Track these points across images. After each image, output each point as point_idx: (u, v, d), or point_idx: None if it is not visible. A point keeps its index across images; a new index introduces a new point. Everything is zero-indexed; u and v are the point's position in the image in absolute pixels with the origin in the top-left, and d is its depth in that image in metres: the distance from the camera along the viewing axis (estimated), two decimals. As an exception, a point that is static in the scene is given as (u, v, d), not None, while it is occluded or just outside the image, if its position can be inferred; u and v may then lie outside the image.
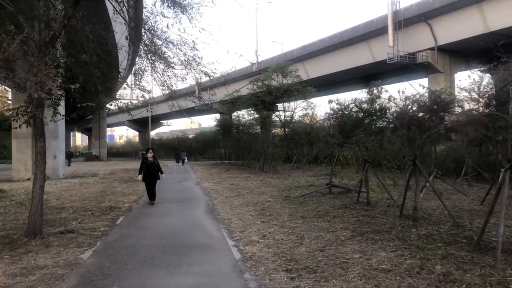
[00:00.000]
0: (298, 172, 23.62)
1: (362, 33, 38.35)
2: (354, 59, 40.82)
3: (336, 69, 43.48)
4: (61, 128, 21.49)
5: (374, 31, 37.33)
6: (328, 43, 42.50)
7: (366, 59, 39.80)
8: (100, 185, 17.48)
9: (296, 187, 14.83)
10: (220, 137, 48.13)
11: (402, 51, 34.86)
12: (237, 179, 19.62)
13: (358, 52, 40.31)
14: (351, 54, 40.90)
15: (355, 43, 39.84)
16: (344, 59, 42.00)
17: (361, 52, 40.07)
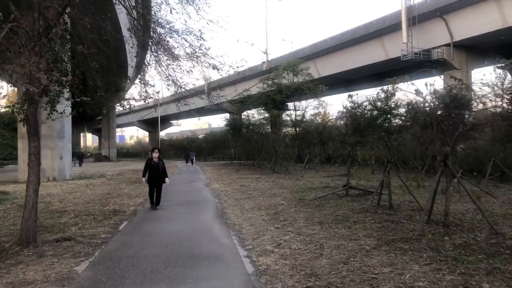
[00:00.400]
0: (311, 172, 22.86)
1: (375, 30, 37.49)
2: (367, 56, 39.96)
3: (348, 67, 42.65)
4: (68, 128, 21.00)
5: (387, 28, 36.45)
6: (339, 40, 41.68)
7: (379, 56, 38.92)
8: (107, 186, 16.92)
9: (310, 189, 14.09)
10: (229, 137, 47.60)
11: (416, 47, 33.94)
12: (248, 180, 18.95)
13: (370, 50, 39.45)
14: (363, 51, 40.02)
15: (368, 40, 39.00)
16: (356, 57, 41.14)
17: (373, 49, 39.20)
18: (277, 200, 11.61)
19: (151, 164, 10.89)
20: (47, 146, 19.96)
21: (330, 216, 8.74)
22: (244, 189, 14.83)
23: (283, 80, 38.93)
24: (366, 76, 46.11)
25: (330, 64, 44.40)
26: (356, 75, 45.25)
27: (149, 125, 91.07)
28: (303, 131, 31.91)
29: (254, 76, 54.55)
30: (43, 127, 19.38)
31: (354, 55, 41.29)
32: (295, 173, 21.93)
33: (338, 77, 45.60)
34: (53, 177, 19.88)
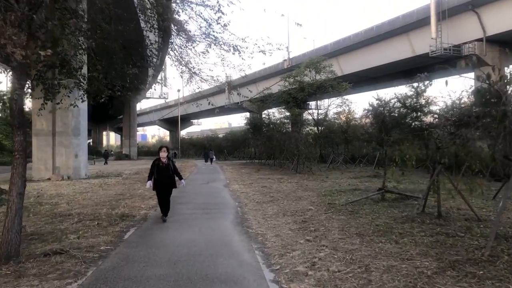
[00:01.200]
0: (336, 173, 21.44)
1: (401, 25, 35.73)
2: (392, 53, 38.22)
3: (372, 64, 40.96)
4: (83, 125, 20.11)
5: (414, 23, 34.64)
6: (364, 36, 40.04)
7: (405, 53, 37.14)
8: (121, 186, 15.88)
9: (338, 192, 12.72)
10: (249, 136, 46.59)
11: (446, 43, 32.09)
12: (269, 180, 17.67)
13: (396, 46, 37.71)
14: (388, 48, 38.31)
15: (393, 36, 37.26)
16: (381, 54, 39.44)
17: (399, 45, 37.44)
18: (304, 205, 10.31)
19: (159, 166, 8.76)
20: (61, 143, 19.12)
21: (369, 225, 7.39)
22: (266, 191, 13.56)
23: (305, 78, 37.56)
24: (391, 74, 44.32)
25: (354, 61, 42.78)
26: (380, 73, 43.54)
27: (170, 124, 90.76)
28: (327, 130, 30.39)
29: (274, 75, 53.32)
30: (57, 124, 18.59)
31: (378, 52, 39.61)
32: (319, 174, 20.56)
33: (361, 75, 43.93)
34: (68, 176, 18.99)
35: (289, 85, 38.30)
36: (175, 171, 9.06)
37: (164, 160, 8.81)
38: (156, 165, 8.80)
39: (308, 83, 36.91)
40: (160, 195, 8.86)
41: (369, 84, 49.29)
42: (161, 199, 8.84)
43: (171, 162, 9.01)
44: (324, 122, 34.54)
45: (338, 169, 24.06)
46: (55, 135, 19.00)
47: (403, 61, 38.17)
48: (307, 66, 37.32)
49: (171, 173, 8.84)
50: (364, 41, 40.02)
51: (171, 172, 8.84)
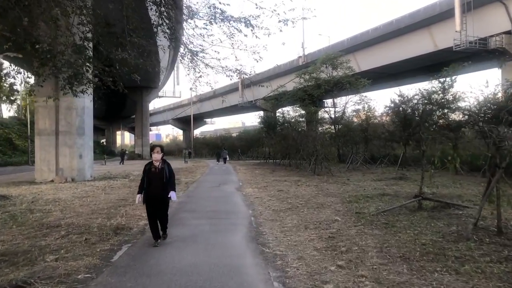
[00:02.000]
0: (357, 174, 19.95)
1: (423, 19, 33.92)
2: (413, 48, 36.48)
3: (391, 60, 39.25)
4: (88, 123, 18.97)
5: (436, 16, 32.84)
6: (382, 31, 38.32)
7: (426, 47, 35.36)
8: (125, 189, 14.66)
9: (364, 197, 11.24)
10: (263, 135, 45.40)
11: (471, 36, 30.27)
12: (286, 183, 16.28)
13: (417, 40, 35.95)
14: (409, 42, 36.57)
15: (414, 30, 35.50)
16: (400, 49, 37.72)
17: (420, 40, 35.67)
18: (328, 214, 8.89)
19: (150, 171, 6.66)
20: (65, 143, 18.02)
21: (413, 245, 5.94)
22: (282, 196, 12.17)
23: (321, 74, 36.03)
24: (410, 70, 42.59)
25: (372, 57, 41.09)
26: (399, 69, 41.79)
27: (184, 123, 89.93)
28: (345, 128, 28.81)
29: (289, 72, 51.85)
30: (61, 123, 17.50)
31: (398, 47, 37.90)
32: (339, 175, 19.10)
33: (379, 71, 42.22)
34: (72, 178, 17.87)
35: (304, 82, 36.82)
36: (170, 178, 6.68)
37: (158, 164, 6.67)
38: (147, 171, 6.69)
39: (325, 79, 35.39)
40: (150, 213, 6.70)
41: (387, 81, 47.62)
42: (151, 217, 6.67)
43: (166, 167, 6.71)
44: (342, 120, 32.93)
45: (359, 170, 22.55)
46: (58, 134, 17.90)
47: (424, 56, 36.42)
48: (323, 62, 35.76)
49: (166, 180, 6.57)
50: (383, 36, 38.32)
51: (166, 179, 6.58)
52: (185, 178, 19.64)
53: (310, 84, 36.26)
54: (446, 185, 13.94)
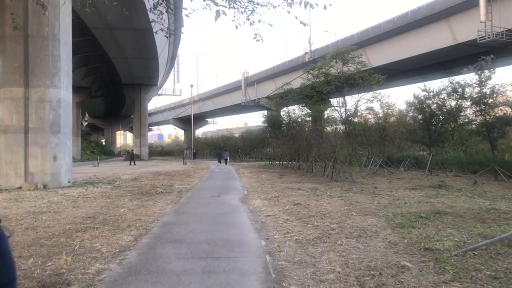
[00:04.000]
0: (381, 180, 16.81)
1: (441, 9, 30.84)
2: (429, 42, 33.45)
3: (405, 55, 36.23)
4: (66, 119, 15.84)
5: (457, 6, 29.80)
6: (396, 24, 35.27)
7: (444, 41, 32.31)
8: (102, 200, 11.51)
9: (417, 217, 8.03)
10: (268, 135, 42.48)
11: (497, 26, 27.19)
12: (301, 192, 13.13)
13: (434, 34, 32.88)
14: (425, 36, 33.51)
15: (431, 22, 32.47)
16: (415, 43, 34.69)
17: (438, 33, 32.60)
18: (382, 250, 5.72)
19: None
20: (36, 143, 14.90)
21: None
22: (303, 214, 8.99)
23: (330, 69, 32.86)
24: (423, 66, 39.69)
25: (384, 52, 38.04)
26: (412, 65, 38.77)
27: (185, 123, 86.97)
28: (361, 128, 25.58)
29: (295, 69, 48.84)
30: (31, 118, 14.42)
31: (412, 41, 34.87)
32: (362, 182, 15.97)
33: (391, 67, 39.18)
34: (44, 184, 14.74)
35: (313, 78, 33.63)
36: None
37: None
38: None
39: (335, 75, 32.21)
40: None
41: (397, 79, 44.57)
42: None
43: None
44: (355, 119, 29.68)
45: (380, 175, 19.41)
46: (28, 132, 14.77)
47: (441, 50, 33.42)
48: (333, 57, 32.56)
49: None
50: (397, 29, 35.30)
51: None
52: (180, 184, 16.51)
53: (319, 80, 33.11)
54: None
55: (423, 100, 21.77)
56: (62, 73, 15.37)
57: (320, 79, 32.97)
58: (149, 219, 8.50)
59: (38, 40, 14.81)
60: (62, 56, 15.39)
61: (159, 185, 15.57)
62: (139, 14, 27.71)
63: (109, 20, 29.79)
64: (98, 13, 28.33)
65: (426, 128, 21.53)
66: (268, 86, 55.14)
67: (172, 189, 14.50)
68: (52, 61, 14.99)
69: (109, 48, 38.55)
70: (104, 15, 28.18)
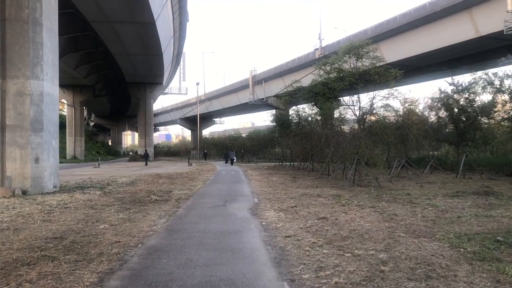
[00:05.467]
0: (411, 184, 14.55)
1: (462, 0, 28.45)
2: (449, 35, 31.03)
3: (422, 49, 33.83)
4: (50, 116, 13.74)
5: (480, -5, 27.49)
6: (413, 16, 32.88)
7: (465, 34, 29.89)
8: (82, 213, 9.33)
9: (493, 241, 5.79)
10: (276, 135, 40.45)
11: (527, 15, 24.79)
12: (322, 200, 10.89)
13: (454, 26, 30.49)
14: (444, 28, 31.11)
15: (451, 14, 30.11)
16: (433, 37, 32.28)
17: (458, 25, 30.22)
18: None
19: None
20: (14, 142, 12.82)
21: None
22: (333, 234, 6.76)
23: (343, 65, 30.56)
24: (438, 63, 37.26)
25: (399, 47, 35.70)
26: (428, 61, 36.43)
27: (192, 123, 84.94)
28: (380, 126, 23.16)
29: (304, 66, 46.61)
30: (8, 114, 12.38)
31: (430, 34, 32.48)
32: (389, 186, 13.73)
33: (406, 64, 36.68)
34: (24, 190, 12.64)
35: (325, 74, 31.33)
36: None
37: None
38: None
39: (349, 71, 29.87)
40: None
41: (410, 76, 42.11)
42: None
43: None
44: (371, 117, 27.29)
45: (406, 178, 17.16)
46: (4, 130, 12.69)
47: (461, 44, 31.02)
48: (346, 52, 30.20)
49: None
50: (413, 22, 32.94)
51: None
52: (180, 189, 14.31)
53: (331, 76, 30.82)
54: None
55: (451, 95, 19.43)
56: (46, 63, 13.28)
57: (333, 75, 30.72)
58: (131, 242, 6.35)
59: (17, 24, 12.76)
60: (46, 43, 13.30)
61: (156, 191, 13.42)
62: (140, 5, 25.65)
63: (108, 12, 27.78)
64: (96, 4, 26.34)
65: (454, 126, 19.19)
66: (276, 84, 52.97)
67: (170, 196, 12.35)
68: (33, 49, 12.91)
69: (111, 44, 36.47)
70: (103, 7, 26.20)
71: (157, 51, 36.90)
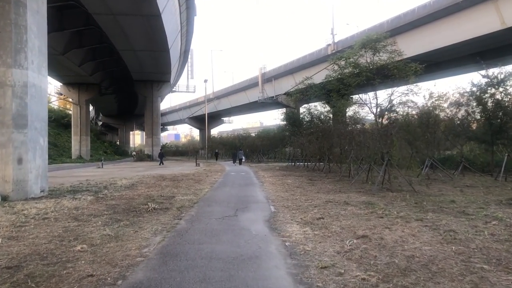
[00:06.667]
0: (447, 188, 12.60)
1: (489, -12, 26.39)
2: (472, 27, 28.88)
3: (442, 43, 31.73)
4: (37, 111, 12.00)
5: (507, -16, 25.39)
6: (433, 8, 30.81)
7: (490, 25, 27.77)
8: (61, 226, 7.54)
9: None
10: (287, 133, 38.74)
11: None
12: (353, 210, 8.97)
13: (477, 18, 28.37)
14: (467, 20, 28.99)
15: (475, 4, 28.03)
16: (455, 29, 30.16)
17: (482, 16, 28.10)
18: None
19: None
20: (-6, 140, 11.11)
21: None
22: (385, 263, 4.89)
23: (359, 59, 28.58)
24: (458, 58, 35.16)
25: (417, 41, 33.59)
26: (449, 55, 34.30)
27: (200, 122, 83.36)
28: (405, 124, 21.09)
29: (316, 63, 44.65)
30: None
31: (451, 27, 30.36)
32: (425, 191, 11.79)
33: (424, 59, 34.36)
34: (4, 195, 10.90)
35: (339, 69, 29.38)
36: None
37: None
38: None
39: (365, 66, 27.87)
40: None
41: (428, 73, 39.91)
42: None
43: None
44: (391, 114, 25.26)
45: (437, 180, 15.20)
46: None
47: (485, 37, 28.85)
48: (363, 46, 28.18)
49: None
50: (433, 14, 30.88)
51: None
52: (185, 194, 12.48)
53: (346, 71, 28.87)
54: None
55: (484, 88, 17.41)
56: (31, 50, 11.56)
57: (348, 70, 28.75)
58: (108, 276, 4.55)
59: (-4, 4, 11.04)
60: (31, 27, 11.57)
61: (156, 197, 11.62)
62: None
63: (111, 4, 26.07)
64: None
65: (487, 123, 17.18)
66: (286, 82, 51.09)
67: (171, 203, 10.53)
68: (15, 33, 11.18)
69: (116, 39, 34.80)
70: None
71: (164, 46, 35.19)
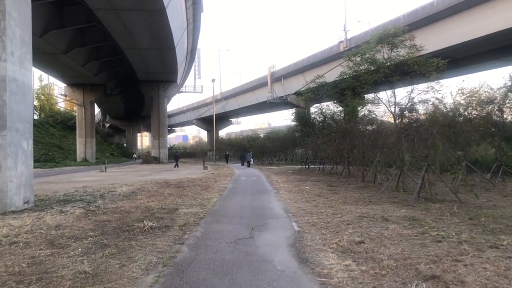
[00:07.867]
0: (496, 197, 10.73)
1: (514, -22, 24.48)
2: (496, 20, 27.03)
3: (462, 38, 29.86)
4: (20, 109, 10.32)
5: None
6: (453, 1, 28.97)
7: (514, 19, 25.88)
8: (28, 256, 5.81)
9: None
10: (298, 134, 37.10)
11: None
12: (395, 228, 7.13)
13: (502, 10, 26.53)
14: (492, 12, 27.11)
15: (498, -4, 26.10)
16: (477, 23, 28.27)
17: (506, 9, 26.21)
18: None
19: None
20: (-33, 144, 9.45)
21: None
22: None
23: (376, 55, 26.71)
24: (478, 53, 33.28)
25: (436, 36, 31.60)
26: (471, 50, 32.45)
27: (208, 123, 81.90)
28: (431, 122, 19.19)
29: (327, 61, 42.90)
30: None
31: (473, 20, 28.50)
32: (473, 202, 9.94)
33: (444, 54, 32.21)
34: (-23, 209, 9.28)
35: (354, 66, 27.53)
36: None
37: None
38: None
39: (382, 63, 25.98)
40: None
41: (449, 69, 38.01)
42: None
43: None
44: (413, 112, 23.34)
45: (478, 186, 13.32)
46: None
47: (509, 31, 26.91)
48: (379, 41, 26.26)
49: None
50: (454, 7, 29.00)
51: None
52: (189, 206, 10.64)
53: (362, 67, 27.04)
54: None
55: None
56: (11, 39, 9.90)
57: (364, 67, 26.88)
58: None
59: (-33, -15, 9.40)
60: (11, 13, 9.92)
61: (156, 210, 9.86)
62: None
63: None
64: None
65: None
66: (296, 81, 49.33)
67: (173, 218, 8.76)
68: (-9, 19, 9.55)
69: (119, 36, 33.22)
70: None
71: (169, 44, 33.58)
